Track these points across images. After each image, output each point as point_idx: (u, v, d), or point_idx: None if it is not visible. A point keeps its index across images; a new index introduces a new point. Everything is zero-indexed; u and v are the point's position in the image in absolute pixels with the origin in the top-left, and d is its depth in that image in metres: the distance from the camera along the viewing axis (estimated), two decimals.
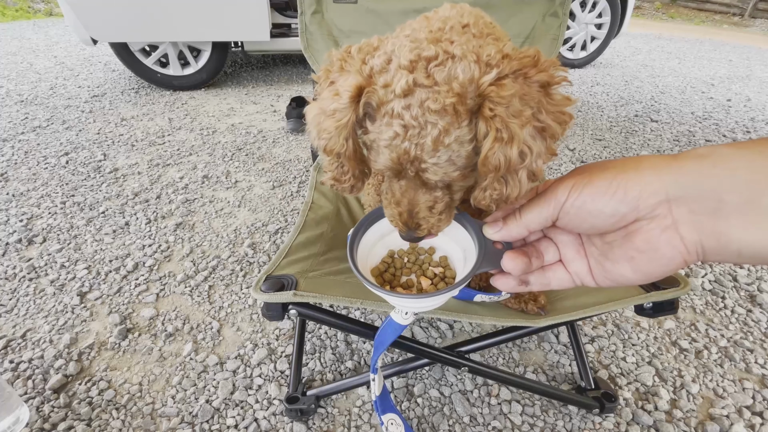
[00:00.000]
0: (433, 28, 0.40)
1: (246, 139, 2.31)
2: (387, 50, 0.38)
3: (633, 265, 0.34)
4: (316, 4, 1.17)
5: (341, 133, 0.38)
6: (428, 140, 0.36)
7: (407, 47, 0.36)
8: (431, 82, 0.35)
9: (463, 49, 0.36)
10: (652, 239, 0.32)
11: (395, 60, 0.37)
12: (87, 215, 1.59)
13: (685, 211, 0.30)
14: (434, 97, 0.35)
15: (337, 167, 0.43)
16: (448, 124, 0.35)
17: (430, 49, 0.35)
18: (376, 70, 0.37)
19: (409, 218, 0.45)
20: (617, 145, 2.39)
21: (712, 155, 0.29)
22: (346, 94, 0.37)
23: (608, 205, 0.32)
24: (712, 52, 5.10)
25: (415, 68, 0.35)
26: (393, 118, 0.36)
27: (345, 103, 0.37)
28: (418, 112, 0.35)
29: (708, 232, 0.30)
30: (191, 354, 1.07)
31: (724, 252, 0.30)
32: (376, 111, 0.38)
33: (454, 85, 0.35)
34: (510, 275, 0.41)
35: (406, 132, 0.36)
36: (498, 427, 0.92)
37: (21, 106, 2.61)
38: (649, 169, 0.31)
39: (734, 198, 0.28)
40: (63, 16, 2.72)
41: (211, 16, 2.61)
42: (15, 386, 0.97)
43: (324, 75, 0.42)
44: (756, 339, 1.16)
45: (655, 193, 0.31)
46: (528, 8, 1.16)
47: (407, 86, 0.35)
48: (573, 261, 0.40)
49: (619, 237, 0.34)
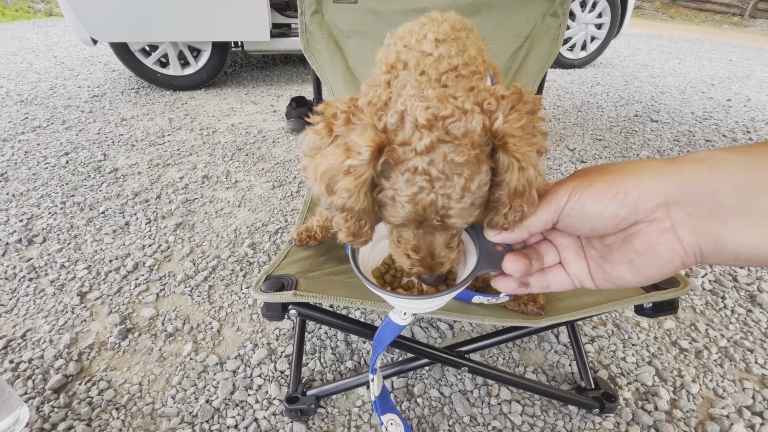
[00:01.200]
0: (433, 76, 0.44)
1: (246, 139, 2.31)
2: (398, 109, 0.39)
3: (632, 267, 0.35)
4: (316, 4, 1.17)
5: (361, 190, 0.38)
6: (456, 190, 0.38)
7: (421, 107, 0.38)
8: (452, 137, 0.37)
9: (471, 103, 0.38)
10: (651, 242, 0.32)
11: (409, 119, 0.38)
12: (87, 215, 1.59)
13: (683, 214, 0.31)
14: (458, 150, 0.37)
15: (355, 223, 0.43)
16: (472, 173, 0.38)
17: (445, 109, 0.37)
18: (391, 128, 0.38)
19: (432, 260, 0.46)
20: (617, 145, 2.39)
21: (710, 159, 0.30)
22: (367, 150, 0.37)
23: (608, 208, 0.33)
24: (712, 52, 5.10)
25: (434, 126, 0.37)
26: (416, 174, 0.37)
27: (365, 159, 0.36)
28: (444, 166, 0.37)
29: (706, 235, 0.30)
30: (191, 354, 1.07)
31: (721, 255, 0.30)
32: (392, 168, 0.39)
33: (474, 138, 0.37)
34: (510, 277, 0.42)
35: (432, 186, 0.38)
36: (498, 427, 0.92)
37: (21, 106, 2.61)
38: (647, 172, 0.32)
39: (731, 201, 0.28)
40: (63, 16, 2.72)
41: (210, 16, 2.61)
42: (15, 386, 0.97)
43: (325, 128, 0.40)
44: (756, 339, 1.16)
45: (654, 196, 0.31)
46: (528, 8, 1.16)
47: (431, 143, 0.36)
48: (572, 263, 0.40)
49: (618, 240, 0.35)
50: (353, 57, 1.21)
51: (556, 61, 3.90)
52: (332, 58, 1.20)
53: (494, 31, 1.18)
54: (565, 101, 3.10)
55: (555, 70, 3.96)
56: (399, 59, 0.50)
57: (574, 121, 2.72)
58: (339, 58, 1.20)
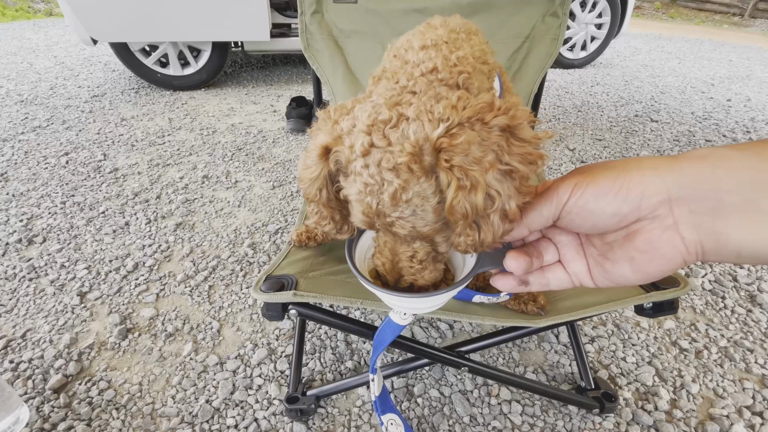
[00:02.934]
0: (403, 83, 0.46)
1: (246, 139, 2.31)
2: (355, 114, 0.42)
3: (633, 265, 0.34)
4: (316, 4, 1.17)
5: (314, 184, 0.44)
6: (385, 196, 0.39)
7: (367, 112, 0.40)
8: (386, 143, 0.38)
9: (418, 110, 0.38)
10: (653, 239, 0.32)
11: (358, 124, 0.40)
12: (87, 215, 1.59)
13: (685, 211, 0.31)
14: (387, 157, 0.37)
15: (317, 213, 0.48)
16: (405, 182, 0.38)
17: (385, 114, 0.39)
18: (345, 132, 0.42)
19: (391, 269, 0.49)
20: (617, 145, 2.39)
21: (712, 156, 0.30)
22: (314, 151, 0.43)
23: (611, 205, 0.33)
24: (712, 52, 5.10)
25: (372, 131, 0.39)
26: (356, 176, 0.40)
27: (313, 159, 0.43)
28: (375, 170, 0.38)
29: (708, 232, 0.30)
30: (191, 354, 1.07)
31: (723, 252, 0.30)
32: (344, 168, 0.42)
33: (406, 145, 0.37)
34: (510, 275, 0.41)
35: (366, 188, 0.40)
36: (498, 427, 0.92)
37: (21, 106, 2.61)
38: (650, 169, 0.32)
39: (734, 199, 0.28)
40: (63, 16, 2.72)
41: (211, 16, 2.61)
42: (15, 386, 0.97)
43: (315, 129, 0.47)
44: (756, 339, 1.16)
45: (657, 193, 0.31)
46: (528, 8, 1.16)
47: (364, 148, 0.38)
48: (572, 261, 0.40)
49: (619, 237, 0.35)
50: (353, 57, 1.21)
51: (556, 61, 3.90)
52: (332, 58, 1.20)
53: (494, 31, 1.18)
54: (565, 101, 3.10)
55: (555, 70, 3.96)
56: (384, 70, 0.53)
57: (574, 121, 2.72)
58: (339, 58, 1.20)
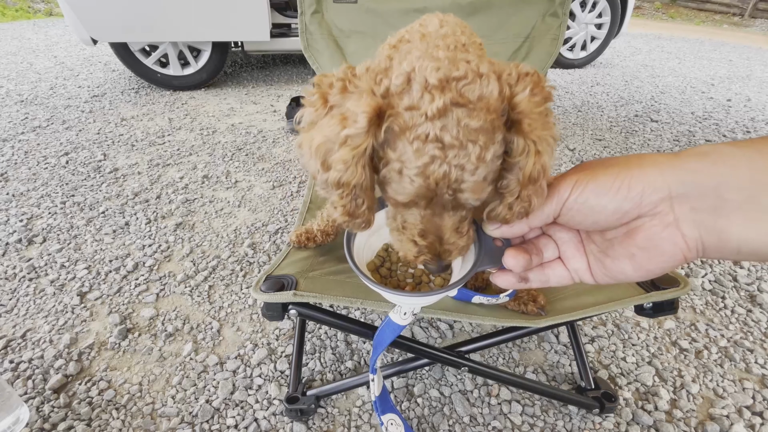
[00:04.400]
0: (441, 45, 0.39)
1: (246, 139, 2.31)
2: (404, 70, 0.34)
3: (633, 261, 0.34)
4: (316, 4, 1.17)
5: (359, 162, 0.34)
6: (471, 158, 0.34)
7: (431, 67, 0.34)
8: (465, 100, 0.33)
9: (487, 68, 0.35)
10: (654, 236, 0.32)
11: (417, 80, 0.34)
12: (87, 215, 1.59)
13: (686, 208, 0.31)
14: (473, 114, 0.33)
15: (351, 201, 0.38)
16: (488, 140, 0.34)
17: (458, 69, 0.34)
18: (395, 91, 0.34)
19: (441, 247, 0.42)
20: (617, 145, 2.39)
21: (714, 153, 0.30)
22: (364, 116, 0.33)
23: (612, 202, 0.33)
24: (712, 52, 5.10)
25: (446, 88, 0.33)
26: (427, 142, 0.33)
27: (363, 127, 0.33)
28: (458, 132, 0.33)
29: (708, 229, 0.30)
30: (191, 354, 1.07)
31: (723, 249, 0.30)
32: (398, 137, 0.34)
33: (490, 103, 0.34)
34: (510, 272, 0.41)
35: (444, 155, 0.33)
36: (498, 427, 0.92)
37: (21, 106, 2.61)
38: (651, 166, 0.32)
39: (735, 196, 0.28)
40: (63, 16, 2.72)
41: (211, 16, 2.61)
42: (15, 386, 0.97)
43: (320, 99, 0.37)
44: (756, 339, 1.16)
45: (658, 190, 0.31)
46: (528, 8, 1.16)
47: (443, 105, 0.33)
48: (572, 258, 0.40)
49: (620, 234, 0.35)
50: (353, 57, 1.21)
51: (556, 61, 3.90)
52: (332, 58, 1.20)
53: (494, 31, 1.18)
54: (565, 101, 3.09)
55: (555, 70, 3.96)
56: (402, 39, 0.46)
57: (574, 121, 2.72)
58: (339, 58, 1.20)
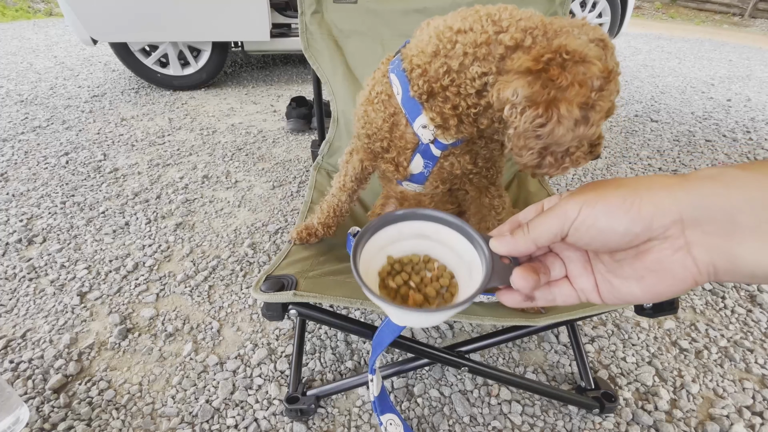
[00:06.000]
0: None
1: (246, 139, 2.31)
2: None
3: (642, 284, 0.34)
4: (316, 4, 1.17)
5: None
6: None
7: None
8: None
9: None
10: (664, 260, 0.32)
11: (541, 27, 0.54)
12: (87, 215, 1.59)
13: (698, 232, 0.30)
14: None
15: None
16: None
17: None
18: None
19: None
20: (617, 145, 2.39)
21: (724, 176, 0.29)
22: None
23: (621, 224, 0.32)
24: (712, 52, 5.10)
25: None
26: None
27: None
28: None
29: (721, 253, 0.30)
30: (191, 354, 1.07)
31: (737, 273, 0.30)
32: None
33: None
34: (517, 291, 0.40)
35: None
36: (498, 427, 0.92)
37: (21, 106, 2.61)
38: (662, 189, 0.31)
39: (748, 220, 0.28)
40: (63, 16, 2.72)
41: (211, 16, 2.61)
42: (15, 386, 0.97)
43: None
44: (756, 339, 1.16)
45: (670, 213, 0.30)
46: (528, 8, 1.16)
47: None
48: (579, 277, 0.39)
49: (629, 256, 0.34)
50: (353, 57, 1.21)
51: None
52: (332, 58, 1.20)
53: None
54: None
55: None
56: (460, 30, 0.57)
57: None
58: (339, 58, 1.20)
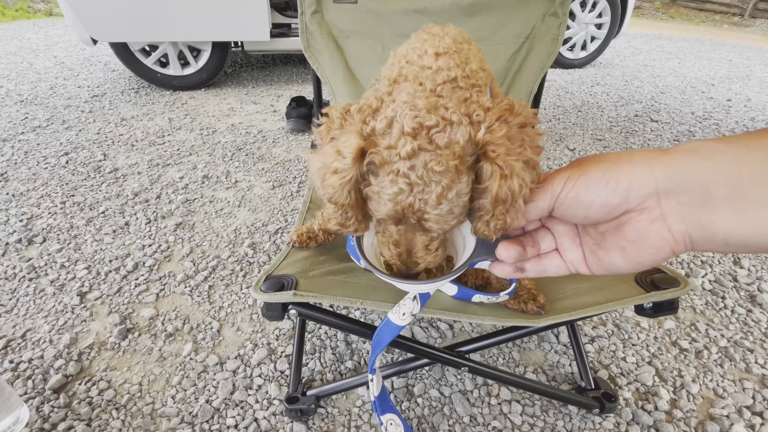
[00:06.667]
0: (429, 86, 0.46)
1: (246, 139, 2.31)
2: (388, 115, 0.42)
3: (624, 254, 0.36)
4: (316, 4, 1.17)
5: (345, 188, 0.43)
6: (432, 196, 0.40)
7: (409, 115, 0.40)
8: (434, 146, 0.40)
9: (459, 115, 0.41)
10: (642, 230, 0.34)
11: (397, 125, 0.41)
12: (87, 215, 1.59)
13: (673, 203, 0.32)
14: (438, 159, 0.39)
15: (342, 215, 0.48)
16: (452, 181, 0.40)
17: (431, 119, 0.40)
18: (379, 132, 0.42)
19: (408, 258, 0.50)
20: (617, 145, 2.39)
21: (702, 149, 0.31)
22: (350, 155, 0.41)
23: (600, 196, 0.34)
24: (712, 52, 5.10)
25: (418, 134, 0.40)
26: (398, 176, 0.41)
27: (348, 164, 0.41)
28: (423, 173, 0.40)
29: (695, 223, 0.31)
30: (191, 354, 1.07)
31: (711, 242, 0.31)
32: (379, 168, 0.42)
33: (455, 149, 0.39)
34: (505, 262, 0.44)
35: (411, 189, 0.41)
36: (498, 427, 0.92)
37: (21, 106, 2.61)
38: (640, 162, 0.33)
39: (722, 190, 0.29)
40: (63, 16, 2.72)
41: (211, 16, 2.61)
42: (15, 386, 0.97)
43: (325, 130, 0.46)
44: (756, 339, 1.16)
45: (645, 185, 0.32)
46: (528, 8, 1.16)
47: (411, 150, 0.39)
48: (568, 249, 0.42)
49: (611, 227, 0.36)
50: (353, 57, 1.21)
51: (556, 61, 3.90)
52: (332, 58, 1.20)
53: (494, 31, 1.18)
54: (565, 101, 3.09)
55: (555, 70, 3.96)
56: (401, 74, 0.53)
57: (574, 121, 2.72)
58: (339, 58, 1.20)
